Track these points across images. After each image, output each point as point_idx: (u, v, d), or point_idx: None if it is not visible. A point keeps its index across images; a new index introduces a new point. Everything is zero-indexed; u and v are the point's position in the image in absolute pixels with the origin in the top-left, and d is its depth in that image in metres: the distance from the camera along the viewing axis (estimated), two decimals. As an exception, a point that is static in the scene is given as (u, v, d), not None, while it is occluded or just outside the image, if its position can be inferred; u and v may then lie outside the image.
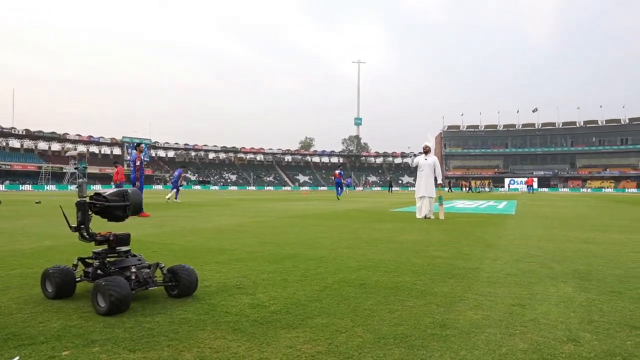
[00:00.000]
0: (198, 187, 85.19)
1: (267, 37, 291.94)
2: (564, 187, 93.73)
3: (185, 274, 3.20)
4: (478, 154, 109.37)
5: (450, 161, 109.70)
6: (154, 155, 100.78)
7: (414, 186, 11.95)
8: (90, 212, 3.13)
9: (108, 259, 3.18)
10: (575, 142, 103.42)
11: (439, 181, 11.05)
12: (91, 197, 3.16)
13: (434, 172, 11.01)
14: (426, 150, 11.23)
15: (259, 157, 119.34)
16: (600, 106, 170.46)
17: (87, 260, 3.29)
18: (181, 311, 2.90)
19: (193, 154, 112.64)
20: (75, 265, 3.26)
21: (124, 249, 3.23)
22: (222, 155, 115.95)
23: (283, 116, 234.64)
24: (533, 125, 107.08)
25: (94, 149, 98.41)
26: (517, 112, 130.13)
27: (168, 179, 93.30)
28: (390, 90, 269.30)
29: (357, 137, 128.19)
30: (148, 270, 3.17)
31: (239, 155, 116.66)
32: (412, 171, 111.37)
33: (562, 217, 11.82)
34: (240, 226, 8.69)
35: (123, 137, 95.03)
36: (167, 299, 3.19)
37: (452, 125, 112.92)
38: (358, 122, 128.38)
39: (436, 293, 3.40)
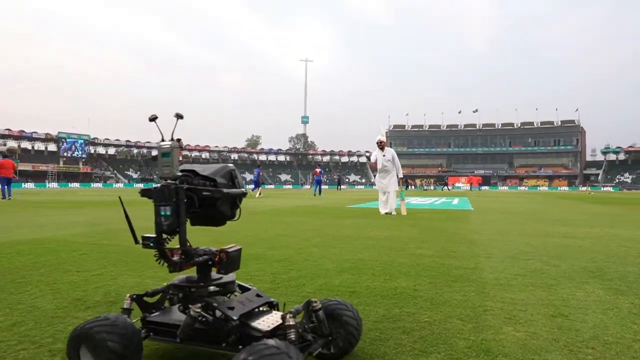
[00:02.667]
0: (141, 185, 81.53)
1: (210, 31, 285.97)
2: (503, 185, 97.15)
3: (348, 314, 1.85)
4: (422, 153, 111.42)
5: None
6: (92, 152, 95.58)
7: (362, 184, 11.30)
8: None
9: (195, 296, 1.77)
10: (513, 143, 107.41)
11: (400, 175, 10.49)
12: (184, 176, 1.75)
13: (394, 166, 10.44)
14: (381, 146, 10.61)
15: (205, 154, 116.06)
16: (536, 109, 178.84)
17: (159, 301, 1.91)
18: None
19: (135, 151, 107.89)
20: (129, 311, 1.79)
21: (229, 277, 1.85)
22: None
23: (228, 113, 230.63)
24: (474, 125, 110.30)
25: (26, 144, 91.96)
26: (459, 112, 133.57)
27: (109, 176, 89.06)
28: (337, 90, 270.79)
29: (304, 136, 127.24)
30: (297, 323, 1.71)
31: (184, 152, 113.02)
32: (359, 169, 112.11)
33: (520, 212, 11.60)
34: (188, 224, 7.71)
35: (59, 132, 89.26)
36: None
37: (398, 124, 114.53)
38: (305, 120, 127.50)
39: (449, 302, 2.69)
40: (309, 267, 3.81)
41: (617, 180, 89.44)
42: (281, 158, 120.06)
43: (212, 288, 1.76)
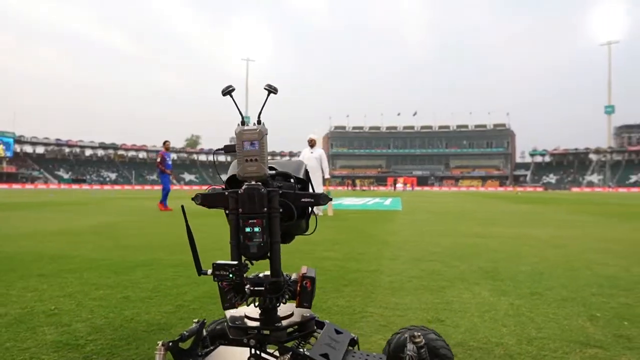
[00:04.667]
0: (76, 186, 77.39)
1: (145, 26, 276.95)
2: (439, 185, 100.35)
3: (445, 348, 1.41)
4: (363, 154, 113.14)
5: (337, 160, 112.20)
6: (19, 150, 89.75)
7: None
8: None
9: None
10: (449, 145, 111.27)
11: (326, 175, 10.43)
12: (277, 177, 1.33)
13: (321, 166, 10.37)
14: (312, 144, 10.54)
15: (142, 154, 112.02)
16: (470, 113, 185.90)
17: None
18: None
19: (67, 150, 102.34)
20: None
21: (307, 311, 1.40)
22: (100, 152, 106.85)
23: (165, 112, 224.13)
24: (413, 127, 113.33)
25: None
26: (399, 114, 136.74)
27: (36, 177, 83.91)
28: (278, 90, 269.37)
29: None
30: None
31: (120, 152, 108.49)
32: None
33: (447, 212, 11.87)
34: (102, 227, 7.26)
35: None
36: None
37: (339, 125, 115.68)
38: (247, 120, 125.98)
39: (330, 309, 2.58)
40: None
41: (543, 181, 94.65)
42: (222, 158, 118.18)
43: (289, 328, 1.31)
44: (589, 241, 5.83)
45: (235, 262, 1.18)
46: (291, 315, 1.34)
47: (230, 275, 1.18)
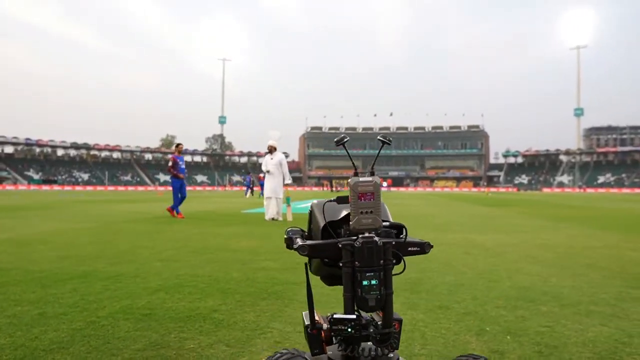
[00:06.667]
0: (46, 187, 75.72)
1: (120, 25, 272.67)
2: (415, 186, 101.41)
3: None
4: (339, 154, 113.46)
5: (313, 161, 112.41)
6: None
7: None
8: None
9: None
10: (425, 146, 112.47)
11: (287, 180, 10.54)
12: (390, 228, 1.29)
13: (281, 171, 10.48)
14: (271, 150, 10.67)
15: (115, 154, 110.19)
16: (445, 114, 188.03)
17: None
18: None
19: (37, 150, 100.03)
20: None
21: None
22: (72, 152, 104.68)
23: (140, 112, 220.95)
24: (388, 128, 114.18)
25: None
26: (375, 115, 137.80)
27: (4, 177, 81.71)
28: (254, 91, 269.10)
29: (221, 136, 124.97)
30: None
31: (92, 152, 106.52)
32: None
33: (408, 217, 12.09)
34: (53, 235, 7.20)
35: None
36: None
37: (315, 126, 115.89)
38: (222, 120, 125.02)
39: (235, 324, 2.67)
40: (130, 285, 3.65)
41: (515, 182, 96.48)
42: (197, 159, 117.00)
43: None
44: (527, 248, 6.06)
45: (354, 317, 1.15)
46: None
47: (349, 330, 1.15)
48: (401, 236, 1.27)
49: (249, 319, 2.76)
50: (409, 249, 1.23)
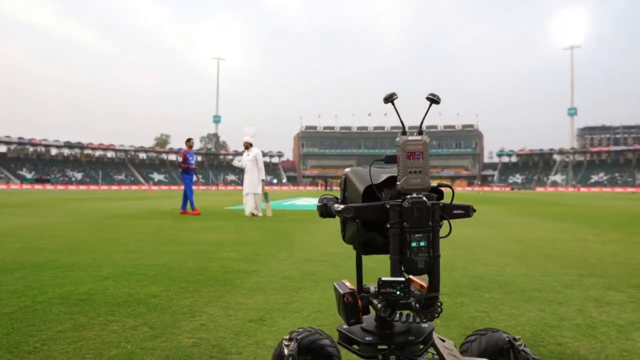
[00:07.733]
0: (39, 186, 75.34)
1: (114, 23, 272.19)
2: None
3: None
4: (334, 154, 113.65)
5: (308, 160, 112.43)
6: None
7: (275, 185, 11.19)
8: None
9: None
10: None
11: (262, 176, 10.55)
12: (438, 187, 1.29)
13: (257, 167, 10.50)
14: (246, 146, 10.72)
15: (110, 153, 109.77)
16: (440, 113, 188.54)
17: None
18: None
19: (31, 149, 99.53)
20: None
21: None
22: (65, 151, 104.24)
23: (135, 111, 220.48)
24: (383, 128, 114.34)
25: None
26: (369, 115, 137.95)
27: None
28: (250, 90, 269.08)
29: (216, 135, 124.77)
30: None
31: (86, 151, 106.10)
32: (271, 169, 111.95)
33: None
34: (22, 229, 7.17)
35: None
36: None
37: (310, 125, 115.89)
38: (217, 120, 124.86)
39: (168, 309, 2.66)
40: (80, 274, 3.64)
41: (509, 181, 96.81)
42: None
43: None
44: (496, 241, 6.07)
45: (403, 279, 1.13)
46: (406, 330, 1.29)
47: (398, 292, 1.13)
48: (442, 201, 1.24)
49: (184, 304, 2.76)
50: (454, 211, 1.22)
